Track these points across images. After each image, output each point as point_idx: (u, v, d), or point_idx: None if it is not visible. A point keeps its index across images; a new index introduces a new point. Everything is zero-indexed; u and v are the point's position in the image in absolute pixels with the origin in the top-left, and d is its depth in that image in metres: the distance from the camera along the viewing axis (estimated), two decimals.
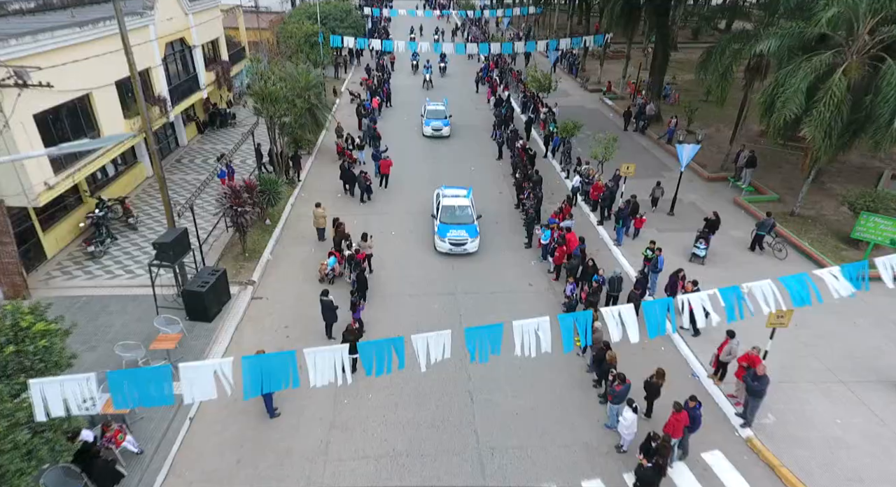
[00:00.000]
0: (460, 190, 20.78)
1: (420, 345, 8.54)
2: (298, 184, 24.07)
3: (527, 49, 34.63)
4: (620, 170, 19.70)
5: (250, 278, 16.99)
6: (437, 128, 29.67)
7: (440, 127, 29.70)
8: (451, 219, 19.28)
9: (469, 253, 18.88)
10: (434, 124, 29.67)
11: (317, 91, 26.00)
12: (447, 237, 18.66)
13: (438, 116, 29.99)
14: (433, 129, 29.67)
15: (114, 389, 7.01)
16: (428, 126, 29.77)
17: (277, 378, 7.94)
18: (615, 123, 32.42)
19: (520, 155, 24.87)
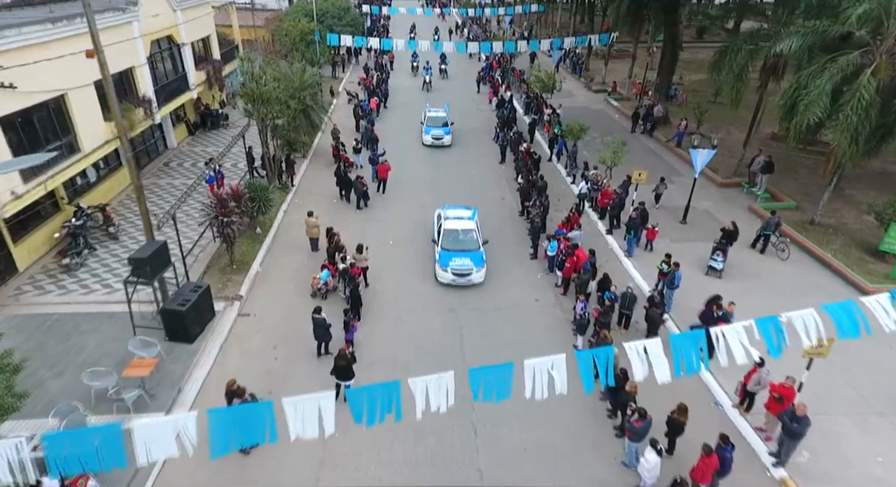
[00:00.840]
0: (464, 211, 18.57)
1: (419, 391, 7.35)
2: (292, 189, 22.85)
3: (530, 48, 33.41)
4: (632, 176, 18.51)
5: (237, 293, 15.79)
6: (437, 136, 27.60)
7: (441, 135, 27.62)
8: (454, 244, 17.00)
9: (475, 283, 16.56)
10: (434, 132, 27.63)
11: (312, 91, 24.81)
12: (449, 267, 16.39)
13: (439, 124, 28.00)
14: (433, 138, 27.64)
15: (51, 455, 5.82)
16: (428, 134, 27.72)
17: (251, 432, 6.75)
18: (621, 125, 31.23)
19: (524, 159, 23.68)
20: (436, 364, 13.38)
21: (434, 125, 27.99)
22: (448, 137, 27.76)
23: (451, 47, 33.66)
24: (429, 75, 38.02)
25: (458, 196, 22.54)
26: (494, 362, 8.01)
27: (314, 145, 27.71)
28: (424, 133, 27.92)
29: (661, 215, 20.06)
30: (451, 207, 19.01)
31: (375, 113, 31.66)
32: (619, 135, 22.66)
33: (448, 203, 19.95)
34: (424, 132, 27.96)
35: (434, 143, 27.64)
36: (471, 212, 18.59)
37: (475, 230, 17.73)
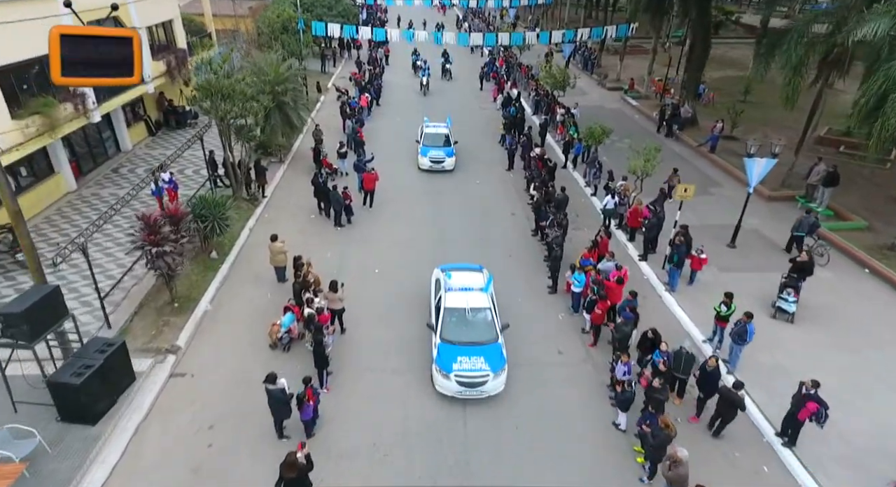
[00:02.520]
0: (473, 274, 13.14)
1: None
2: (262, 201, 19.11)
3: (540, 40, 29.72)
4: (676, 192, 14.82)
5: (173, 343, 12.09)
6: (437, 159, 22.06)
7: (441, 158, 22.08)
8: (459, 334, 11.55)
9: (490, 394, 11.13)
10: (433, 154, 22.10)
11: (291, 86, 21.10)
12: (453, 373, 10.87)
13: (439, 143, 22.61)
14: (432, 161, 22.00)
15: None
16: (425, 156, 22.11)
17: None
18: (641, 126, 27.51)
19: (537, 166, 19.97)
20: (429, 458, 9.75)
21: (433, 144, 22.45)
22: (451, 160, 22.15)
23: (451, 38, 29.92)
24: (426, 77, 32.80)
25: (459, 212, 18.87)
26: None
27: (294, 148, 23.98)
28: (420, 154, 22.29)
29: (697, 234, 16.30)
30: (455, 268, 13.40)
31: (366, 112, 27.94)
32: (652, 141, 18.90)
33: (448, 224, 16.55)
34: (420, 153, 22.31)
35: (433, 168, 22.04)
36: (483, 276, 13.10)
37: (490, 309, 12.02)
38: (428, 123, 23.87)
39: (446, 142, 22.61)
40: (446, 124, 23.83)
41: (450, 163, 22.12)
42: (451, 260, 15.61)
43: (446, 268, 13.30)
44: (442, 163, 22.00)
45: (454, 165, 22.21)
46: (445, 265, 13.71)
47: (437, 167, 22.05)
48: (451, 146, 22.51)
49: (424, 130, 23.25)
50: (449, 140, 22.68)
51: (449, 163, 22.10)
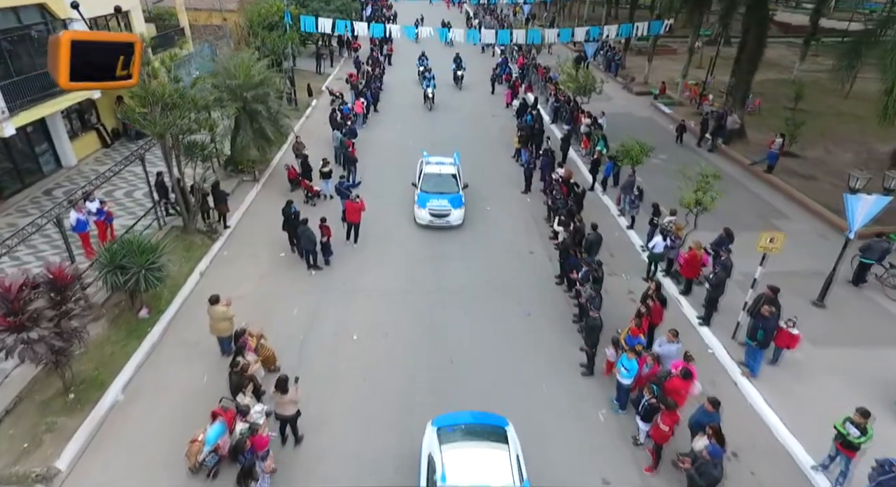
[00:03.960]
0: (488, 448, 7.96)
1: None
2: (224, 233, 15.38)
3: (560, 39, 25.78)
4: (759, 241, 10.81)
5: (50, 465, 8.35)
6: (439, 211, 15.79)
7: (445, 209, 15.80)
8: None
9: None
10: (435, 205, 15.84)
11: (265, 91, 17.39)
12: None
13: (443, 188, 16.32)
14: (433, 214, 15.84)
15: None
16: (423, 207, 15.92)
17: None
18: (675, 136, 23.38)
19: (561, 192, 16.07)
20: None
21: (435, 190, 16.28)
22: (458, 213, 15.97)
23: (460, 36, 26.03)
24: (431, 88, 26.86)
25: (466, 250, 15.00)
26: None
27: (273, 163, 20.22)
28: (417, 204, 16.19)
29: (765, 284, 12.28)
30: (459, 421, 8.54)
31: (362, 119, 24.13)
32: (701, 161, 14.89)
33: None
34: (417, 203, 16.22)
35: (434, 223, 15.97)
36: (505, 441, 7.98)
37: None
38: (428, 159, 17.71)
39: (453, 186, 16.55)
40: (453, 161, 17.86)
41: (457, 216, 15.95)
42: (454, 320, 11.86)
43: (442, 426, 8.29)
44: (446, 218, 15.81)
45: (462, 219, 16.18)
46: (441, 423, 8.40)
47: (439, 223, 15.86)
48: (459, 192, 16.39)
49: (424, 169, 17.13)
50: (457, 183, 16.68)
51: (456, 217, 15.93)
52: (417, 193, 16.61)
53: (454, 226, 16.12)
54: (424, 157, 18.06)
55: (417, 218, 16.26)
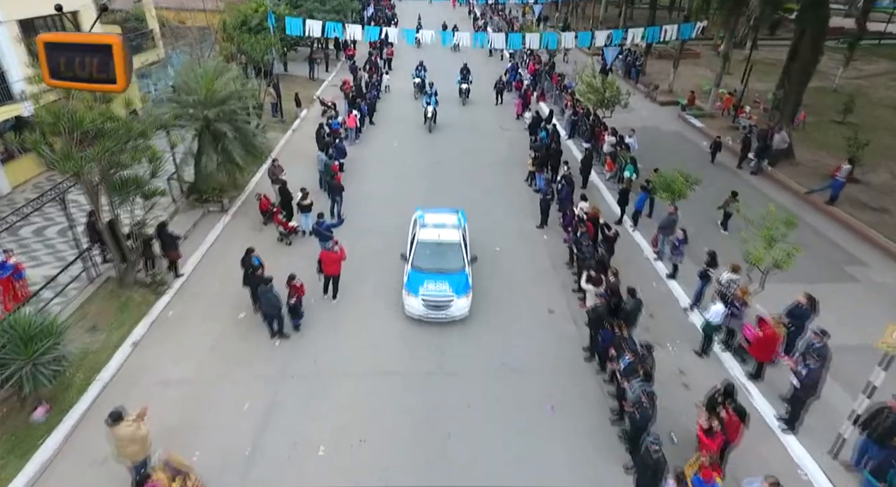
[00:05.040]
0: None
1: None
2: (174, 284, 12.36)
3: (578, 43, 22.58)
4: (884, 337, 7.64)
5: None
6: (436, 300, 11.12)
7: (445, 298, 11.13)
8: None
9: None
10: (431, 290, 11.19)
11: (231, 108, 14.40)
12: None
13: (443, 264, 11.76)
14: (427, 304, 11.11)
15: None
16: (415, 293, 11.21)
17: None
18: (710, 155, 20.11)
19: (587, 233, 12.92)
20: None
21: (430, 267, 11.63)
22: (462, 301, 11.24)
23: (465, 39, 22.90)
24: (433, 105, 22.63)
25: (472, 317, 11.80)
26: None
27: (247, 189, 17.20)
28: (407, 289, 11.41)
29: (841, 356, 9.03)
30: None
31: (354, 134, 21.07)
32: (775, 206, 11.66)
33: None
34: (407, 287, 11.44)
35: (430, 318, 11.25)
36: None
37: None
38: (423, 219, 12.86)
39: (457, 261, 11.86)
40: (457, 221, 12.90)
41: (461, 307, 11.19)
42: (455, 418, 8.79)
43: None
44: (446, 310, 11.07)
45: (469, 308, 11.39)
46: None
47: (436, 316, 11.10)
48: (464, 269, 11.72)
49: (417, 235, 12.33)
50: (462, 255, 11.97)
51: (459, 309, 11.18)
52: (407, 271, 11.80)
53: (456, 319, 11.27)
54: (418, 218, 13.23)
55: (407, 308, 11.34)
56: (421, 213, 13.33)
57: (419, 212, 13.50)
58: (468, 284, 11.57)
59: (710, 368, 10.49)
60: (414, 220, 13.48)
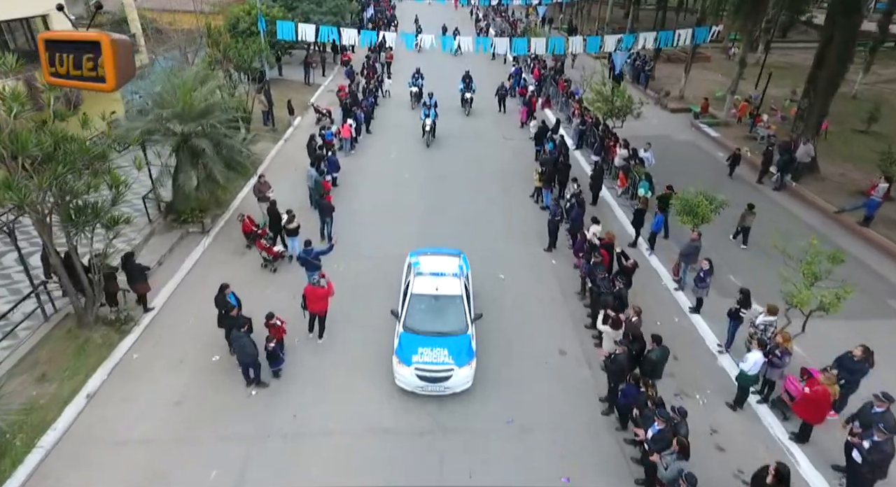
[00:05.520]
0: None
1: None
2: (142, 321, 11.04)
3: (587, 48, 21.19)
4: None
5: None
6: (431, 372, 9.11)
7: (444, 368, 9.13)
8: None
9: None
10: (426, 358, 9.19)
11: (210, 123, 13.07)
12: None
13: (441, 324, 9.74)
14: (422, 376, 9.11)
15: None
16: (407, 363, 9.20)
17: None
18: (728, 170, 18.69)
19: (602, 263, 11.55)
20: None
21: (426, 329, 9.70)
22: (463, 373, 9.24)
23: (468, 44, 21.51)
24: (431, 117, 20.77)
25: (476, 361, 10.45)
26: None
27: (232, 207, 15.86)
28: (398, 356, 9.42)
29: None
30: None
31: (349, 145, 19.72)
32: (815, 236, 10.29)
33: None
34: (398, 353, 9.46)
35: (424, 391, 9.30)
36: None
37: None
38: (418, 266, 10.88)
39: (458, 319, 9.84)
40: (458, 268, 10.92)
41: (462, 378, 9.26)
42: None
43: None
44: (444, 383, 9.16)
45: (471, 379, 9.43)
46: None
47: (433, 389, 9.20)
48: (467, 330, 9.73)
49: (412, 286, 10.35)
50: (464, 311, 9.96)
51: (461, 379, 9.25)
52: (398, 333, 9.80)
53: (457, 392, 9.35)
54: (413, 265, 11.04)
55: (398, 378, 9.37)
56: (416, 259, 11.25)
57: (413, 257, 11.40)
58: (471, 350, 9.50)
59: (746, 425, 9.15)
60: (407, 266, 11.39)
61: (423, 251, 11.73)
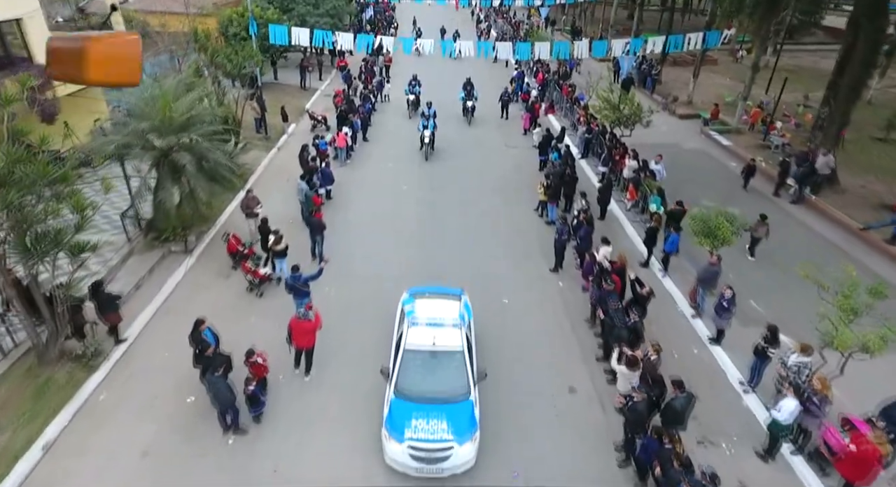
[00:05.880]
0: None
1: None
2: (112, 355, 10.04)
3: (593, 53, 20.18)
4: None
5: None
6: (427, 452, 7.68)
7: (443, 444, 7.69)
8: None
9: None
10: (420, 434, 7.71)
11: (192, 137, 12.10)
12: None
13: (440, 389, 8.29)
14: (416, 456, 7.68)
15: None
16: (398, 439, 7.75)
17: None
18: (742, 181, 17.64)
19: (614, 290, 10.54)
20: None
21: (421, 395, 8.20)
22: (464, 451, 7.78)
23: (470, 48, 20.47)
24: (430, 129, 19.30)
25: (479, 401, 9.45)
26: None
27: (219, 222, 14.87)
28: (388, 430, 7.94)
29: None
30: None
31: (345, 154, 18.73)
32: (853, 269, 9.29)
33: None
34: (387, 426, 7.98)
35: (418, 473, 7.82)
36: None
37: None
38: (413, 315, 9.31)
39: (459, 381, 8.41)
40: (458, 315, 9.38)
41: (464, 457, 7.80)
42: None
43: None
44: (442, 464, 7.72)
45: (474, 456, 7.98)
46: None
47: (429, 472, 7.79)
48: (468, 395, 8.29)
49: (405, 339, 8.86)
50: (467, 372, 8.50)
51: (462, 458, 7.79)
52: (389, 399, 8.28)
53: (457, 473, 7.90)
54: (407, 314, 9.34)
55: (388, 456, 7.94)
56: (411, 304, 9.57)
57: (408, 305, 9.68)
58: (474, 420, 7.99)
59: (780, 479, 8.17)
60: (400, 313, 9.84)
61: (419, 291, 10.20)
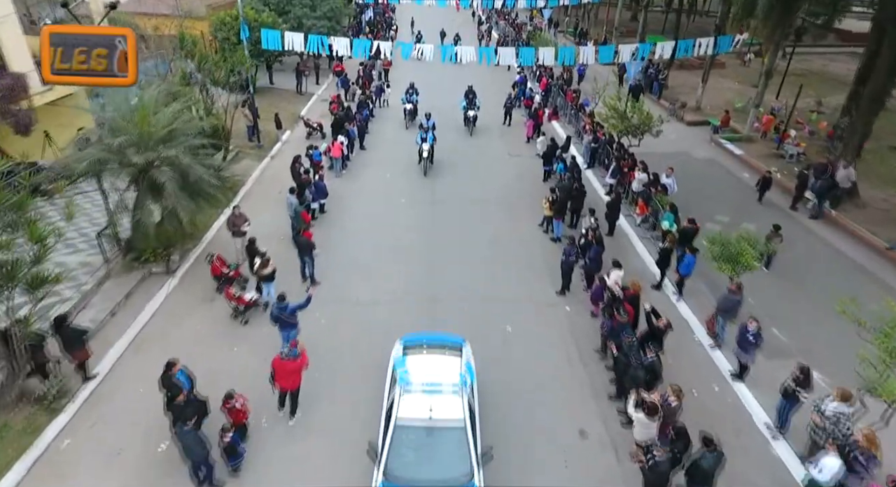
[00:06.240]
0: None
1: None
2: (81, 393, 9.13)
3: (599, 59, 19.21)
4: None
5: None
6: None
7: None
8: None
9: None
10: None
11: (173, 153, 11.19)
12: None
13: (437, 474, 6.99)
14: None
15: None
16: None
17: None
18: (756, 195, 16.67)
19: (627, 321, 9.59)
20: None
21: (416, 477, 6.91)
22: None
23: (471, 53, 19.51)
24: (429, 142, 17.95)
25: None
26: None
27: (205, 240, 13.95)
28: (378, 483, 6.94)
29: None
30: None
31: (340, 165, 17.81)
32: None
33: None
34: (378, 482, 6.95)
35: None
36: None
37: None
38: (406, 377, 7.78)
39: (459, 468, 6.99)
40: (459, 377, 7.84)
41: None
42: None
43: None
44: None
45: None
46: None
47: None
48: (471, 478, 6.91)
49: (396, 411, 7.35)
50: (470, 452, 7.08)
51: None
52: (377, 484, 6.96)
53: None
54: (400, 378, 7.82)
55: None
56: (403, 367, 7.98)
57: (400, 355, 8.40)
58: None
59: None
60: (392, 371, 8.36)
61: (413, 341, 8.80)
